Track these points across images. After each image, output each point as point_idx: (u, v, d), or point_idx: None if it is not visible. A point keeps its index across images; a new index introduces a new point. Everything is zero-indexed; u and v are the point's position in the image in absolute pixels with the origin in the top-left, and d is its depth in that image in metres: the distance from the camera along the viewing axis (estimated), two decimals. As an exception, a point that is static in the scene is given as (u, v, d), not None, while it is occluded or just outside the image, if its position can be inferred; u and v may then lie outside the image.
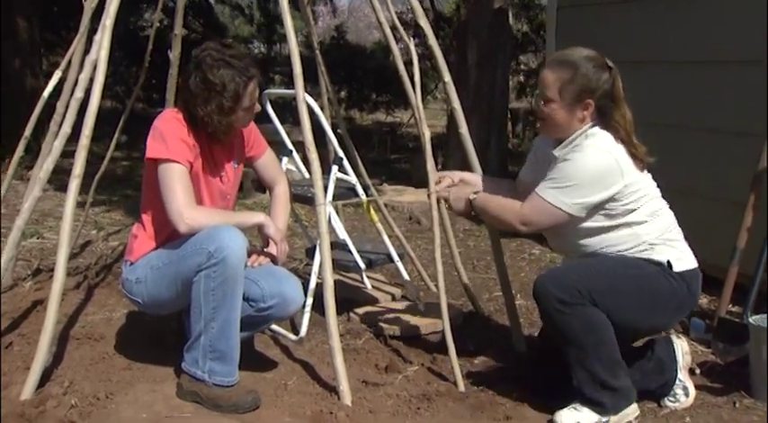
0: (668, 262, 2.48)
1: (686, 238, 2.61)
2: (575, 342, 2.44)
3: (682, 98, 4.07)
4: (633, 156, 2.46)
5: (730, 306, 3.41)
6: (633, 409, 2.53)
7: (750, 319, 2.85)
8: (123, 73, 10.66)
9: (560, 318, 2.43)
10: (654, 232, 2.50)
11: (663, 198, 2.60)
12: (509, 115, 8.69)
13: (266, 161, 2.94)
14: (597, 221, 2.50)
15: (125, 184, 6.89)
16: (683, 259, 2.53)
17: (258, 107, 2.75)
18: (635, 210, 2.47)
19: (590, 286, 2.41)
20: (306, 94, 2.83)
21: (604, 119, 2.51)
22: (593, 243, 2.53)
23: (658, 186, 2.58)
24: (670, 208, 2.60)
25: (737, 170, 3.50)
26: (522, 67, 12.05)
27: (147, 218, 2.71)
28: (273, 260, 2.74)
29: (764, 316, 2.84)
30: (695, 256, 2.59)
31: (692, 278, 2.54)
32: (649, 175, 2.56)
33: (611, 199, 2.45)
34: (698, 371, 2.93)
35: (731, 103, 3.78)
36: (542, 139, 2.76)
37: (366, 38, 17.16)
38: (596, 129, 2.50)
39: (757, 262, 3.12)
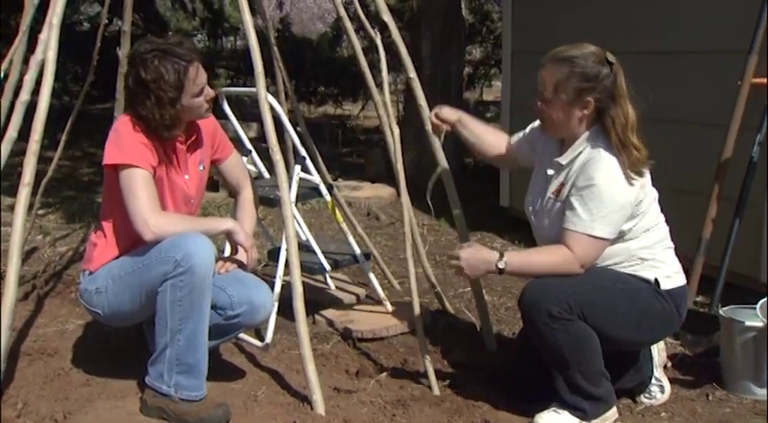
0: (656, 280, 2.44)
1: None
2: (559, 355, 2.39)
3: (646, 89, 4.07)
4: (631, 163, 2.34)
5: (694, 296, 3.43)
6: (613, 412, 2.50)
7: (720, 311, 2.86)
8: (59, 68, 10.22)
9: (548, 332, 2.36)
10: (646, 248, 2.45)
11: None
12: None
13: (232, 164, 2.83)
14: None
15: (68, 185, 6.62)
16: (672, 277, 2.48)
17: (211, 92, 2.59)
18: (632, 228, 2.42)
19: (582, 301, 2.34)
20: (268, 94, 2.72)
21: (604, 119, 2.40)
22: None
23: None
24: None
25: (702, 161, 3.51)
26: (468, 56, 12.04)
27: (107, 225, 2.58)
28: (242, 267, 2.64)
29: (734, 307, 2.85)
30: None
31: (680, 297, 2.50)
32: (649, 180, 2.48)
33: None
34: (669, 364, 2.93)
35: (695, 93, 3.80)
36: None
37: (310, 29, 16.96)
38: (600, 148, 2.38)
39: (723, 252, 3.14)
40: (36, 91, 2.59)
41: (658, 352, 2.69)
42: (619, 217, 2.35)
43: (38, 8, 2.87)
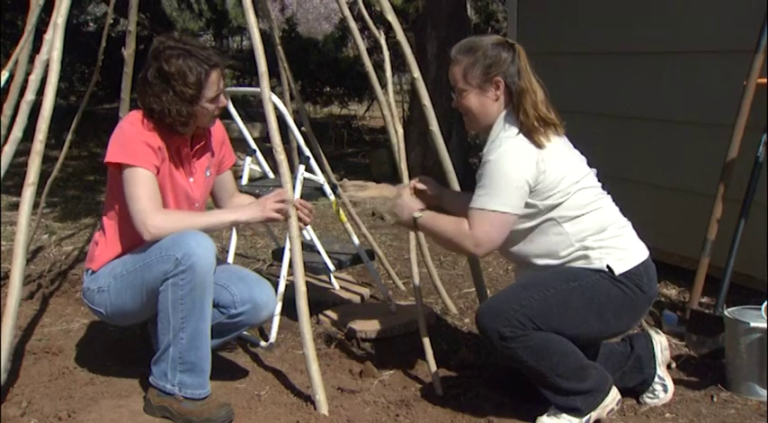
0: (608, 267, 2.39)
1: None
2: (529, 369, 2.38)
3: (652, 89, 4.06)
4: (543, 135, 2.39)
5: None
6: (612, 397, 2.47)
7: (725, 312, 2.85)
8: (66, 69, 10.32)
9: (508, 352, 2.36)
10: (586, 232, 2.40)
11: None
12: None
13: (227, 178, 2.86)
14: (520, 224, 2.41)
15: (74, 184, 6.66)
16: (625, 259, 2.41)
17: (225, 101, 2.63)
18: (557, 205, 2.38)
19: (532, 313, 2.33)
20: (272, 94, 2.72)
21: (514, 98, 2.44)
22: (524, 249, 2.46)
23: (594, 171, 2.51)
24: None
25: (707, 161, 3.50)
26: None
27: (109, 224, 2.59)
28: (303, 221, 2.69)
29: (739, 308, 2.84)
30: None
31: (640, 275, 2.42)
32: (580, 162, 2.48)
33: (533, 192, 2.37)
34: (674, 365, 2.92)
35: (701, 93, 3.79)
36: None
37: (316, 29, 16.98)
38: (509, 124, 2.43)
39: (728, 253, 3.13)
40: (41, 91, 2.60)
41: (661, 350, 2.67)
42: (513, 191, 2.35)
43: (43, 8, 2.88)
